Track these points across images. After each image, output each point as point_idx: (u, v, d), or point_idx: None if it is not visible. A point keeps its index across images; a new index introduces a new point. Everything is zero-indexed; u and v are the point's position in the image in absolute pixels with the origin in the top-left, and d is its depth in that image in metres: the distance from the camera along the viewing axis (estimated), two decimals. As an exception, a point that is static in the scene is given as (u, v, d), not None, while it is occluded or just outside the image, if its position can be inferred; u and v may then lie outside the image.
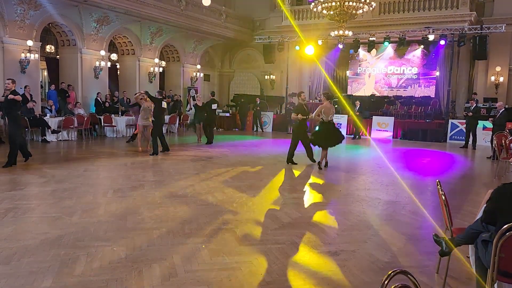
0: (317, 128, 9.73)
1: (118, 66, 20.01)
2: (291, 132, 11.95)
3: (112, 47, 19.35)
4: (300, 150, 10.12)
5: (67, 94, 15.73)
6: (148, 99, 11.34)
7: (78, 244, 4.28)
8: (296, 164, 10.00)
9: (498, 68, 18.09)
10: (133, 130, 16.22)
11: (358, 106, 17.56)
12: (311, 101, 21.91)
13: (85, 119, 14.25)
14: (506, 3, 17.84)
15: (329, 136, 9.43)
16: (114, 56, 19.44)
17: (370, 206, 6.31)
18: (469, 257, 3.42)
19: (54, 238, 4.42)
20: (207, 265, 3.83)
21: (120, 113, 16.91)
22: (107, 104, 16.55)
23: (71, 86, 16.03)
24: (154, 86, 19.70)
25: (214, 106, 14.30)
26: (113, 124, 15.45)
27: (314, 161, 10.10)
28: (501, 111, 12.43)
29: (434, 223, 5.41)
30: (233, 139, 16.17)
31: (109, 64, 17.86)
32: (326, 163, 9.72)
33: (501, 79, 18.13)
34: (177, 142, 14.80)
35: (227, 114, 21.29)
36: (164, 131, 12.71)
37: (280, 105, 22.20)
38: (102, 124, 15.43)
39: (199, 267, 3.79)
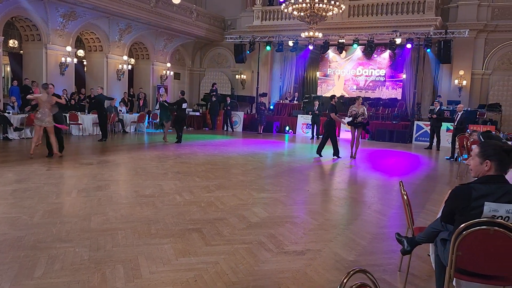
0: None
1: (85, 63, 19.55)
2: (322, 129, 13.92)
3: (79, 43, 18.89)
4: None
5: (30, 91, 15.22)
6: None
7: (39, 245, 4.15)
8: (322, 156, 11.59)
9: (461, 72, 18.72)
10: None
11: (317, 106, 17.66)
12: (281, 101, 22.10)
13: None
14: (469, 9, 18.49)
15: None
16: (81, 53, 18.99)
17: (337, 206, 6.40)
18: (429, 255, 3.53)
19: (13, 239, 4.27)
20: (173, 266, 3.79)
21: (86, 111, 16.52)
22: (73, 102, 16.14)
23: (35, 82, 15.53)
24: (123, 84, 19.38)
25: (184, 105, 14.17)
26: (79, 122, 15.07)
27: (338, 156, 11.62)
28: (460, 113, 12.90)
29: (398, 222, 5.54)
30: (203, 138, 16.08)
31: (75, 60, 17.42)
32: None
33: (464, 82, 18.76)
34: (146, 141, 14.58)
35: (197, 113, 21.15)
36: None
37: (250, 105, 22.23)
38: (68, 122, 15.01)
39: (164, 268, 3.74)
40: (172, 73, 22.69)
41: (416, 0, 18.38)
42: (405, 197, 3.53)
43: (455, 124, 12.92)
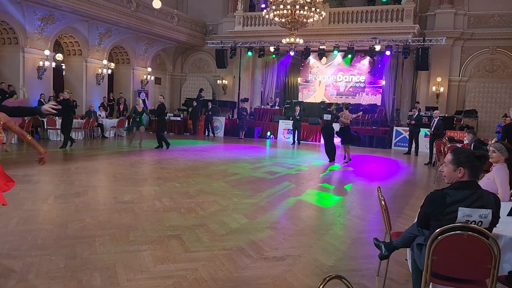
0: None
1: (63, 67, 19.26)
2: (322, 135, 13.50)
3: (57, 47, 18.61)
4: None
5: (6, 95, 14.90)
6: None
7: (13, 254, 4.05)
8: (335, 160, 12.29)
9: (438, 79, 19.10)
10: (81, 133, 15.72)
11: (298, 111, 17.75)
12: (263, 106, 22.16)
13: (26, 121, 13.56)
14: (446, 17, 18.92)
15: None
16: (59, 57, 18.70)
17: (317, 211, 6.44)
18: (407, 260, 3.58)
19: (-14, 247, 4.17)
20: (151, 273, 3.74)
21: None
22: (51, 106, 15.84)
23: (11, 86, 15.22)
24: (102, 88, 19.16)
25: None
26: (57, 127, 14.81)
27: (333, 160, 12.22)
28: (436, 119, 13.19)
29: (377, 227, 5.60)
30: (184, 143, 15.99)
31: (54, 64, 17.14)
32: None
33: (442, 89, 19.14)
34: (125, 146, 14.40)
35: (178, 118, 21.03)
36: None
37: (232, 110, 22.22)
38: (45, 127, 14.77)
39: (142, 275, 3.70)
40: (153, 77, 22.53)
41: (395, 8, 18.73)
42: (383, 202, 3.57)
43: (432, 130, 13.22)
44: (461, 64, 19.17)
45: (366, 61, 21.62)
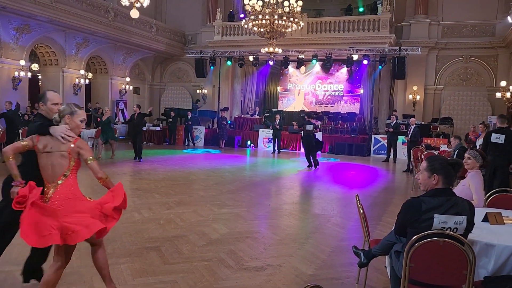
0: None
1: (40, 77, 18.93)
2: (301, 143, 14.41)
3: (33, 57, 18.30)
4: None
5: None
6: None
7: (-15, 270, 3.93)
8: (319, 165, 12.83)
9: (415, 87, 19.49)
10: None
11: (278, 120, 17.79)
12: (243, 115, 22.19)
13: (0, 132, 13.25)
14: (420, 27, 19.38)
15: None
16: (35, 66, 18.39)
17: (297, 220, 6.45)
18: (386, 267, 3.61)
19: (-43, 264, 4.03)
20: (129, 287, 3.68)
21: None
22: (26, 117, 15.55)
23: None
24: (80, 99, 18.88)
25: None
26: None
27: (310, 167, 12.64)
28: (413, 127, 13.46)
29: (356, 234, 5.64)
30: (163, 153, 15.85)
31: (29, 74, 16.83)
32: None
33: (418, 97, 19.53)
34: (103, 157, 14.19)
35: (158, 128, 20.86)
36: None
37: (212, 119, 22.18)
38: (20, 138, 14.43)
39: (120, 289, 3.63)
40: (131, 87, 22.34)
41: (372, 19, 19.11)
42: (361, 210, 3.60)
43: (409, 137, 13.45)
44: (436, 72, 19.63)
45: (344, 70, 21.95)
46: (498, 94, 16.72)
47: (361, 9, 22.67)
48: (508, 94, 16.22)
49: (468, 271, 2.67)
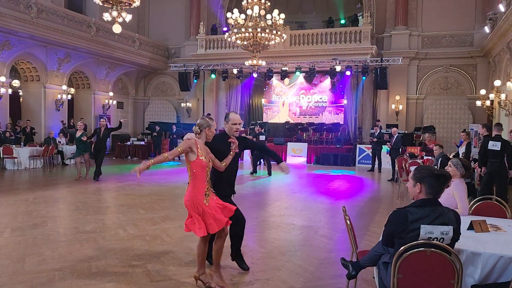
0: None
1: (21, 93, 18.66)
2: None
3: (14, 73, 18.04)
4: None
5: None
6: None
7: (-35, 293, 3.80)
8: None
9: (397, 97, 19.75)
10: (40, 161, 15.11)
11: (259, 131, 17.67)
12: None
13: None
14: (401, 38, 19.73)
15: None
16: (16, 83, 18.13)
17: (285, 232, 6.42)
18: (374, 278, 3.59)
19: None
20: (115, 307, 3.59)
21: (22, 143, 15.70)
22: (7, 134, 15.28)
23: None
24: (62, 114, 18.64)
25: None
26: (14, 156, 14.24)
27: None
28: (395, 136, 13.61)
29: (344, 245, 5.63)
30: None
31: (10, 91, 16.57)
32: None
33: (400, 107, 19.79)
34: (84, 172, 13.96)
35: (142, 143, 20.69)
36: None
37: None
38: (1, 156, 14.17)
39: (105, 309, 3.54)
40: (115, 102, 22.16)
41: (353, 30, 19.40)
42: (348, 222, 3.60)
43: (391, 145, 13.58)
44: (418, 82, 19.95)
45: (327, 81, 22.16)
46: (478, 103, 17.05)
47: (342, 21, 23.01)
48: (487, 102, 16.53)
49: (456, 280, 2.67)
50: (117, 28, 9.54)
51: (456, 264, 2.66)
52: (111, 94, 21.71)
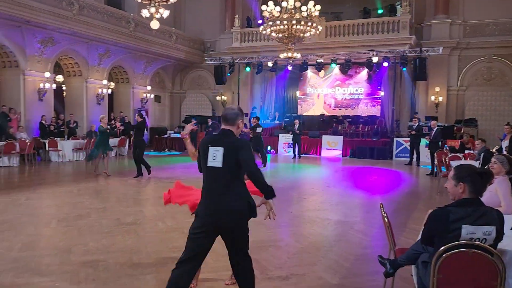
0: None
1: (64, 88, 19.38)
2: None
3: (57, 68, 18.75)
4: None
5: (8, 118, 14.98)
6: None
7: (17, 281, 4.03)
8: None
9: (437, 89, 19.17)
10: (82, 154, 15.68)
11: (298, 125, 17.56)
12: (263, 121, 22.20)
13: (28, 144, 13.61)
14: (441, 27, 19.07)
15: None
16: (60, 78, 18.83)
17: (320, 227, 6.41)
18: (412, 276, 3.55)
19: (-10, 276, 4.15)
20: (156, 297, 3.72)
21: (66, 136, 16.32)
22: (52, 128, 15.94)
23: (13, 109, 15.29)
24: (103, 108, 19.23)
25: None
26: (58, 149, 14.85)
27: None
28: (435, 129, 13.20)
29: (380, 241, 5.57)
30: (184, 160, 15.99)
31: (54, 86, 17.25)
32: None
33: (440, 98, 19.21)
34: (127, 165, 14.41)
35: (179, 135, 21.05)
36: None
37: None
38: (47, 149, 14.81)
39: (147, 300, 3.67)
40: (152, 96, 22.65)
41: (391, 20, 18.91)
42: (386, 219, 3.57)
43: (431, 138, 13.17)
44: (459, 73, 19.27)
45: (364, 72, 21.75)
46: (524, 94, 16.36)
47: (380, 11, 22.45)
48: (534, 94, 15.81)
49: (498, 282, 2.61)
50: (155, 24, 9.73)
51: (498, 265, 2.60)
52: (149, 88, 22.20)
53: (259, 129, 14.47)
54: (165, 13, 10.02)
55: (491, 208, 2.76)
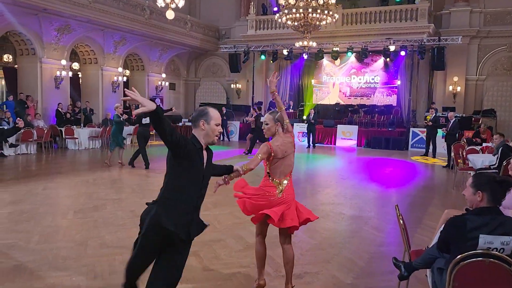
0: None
1: (80, 76, 19.54)
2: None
3: (74, 56, 18.89)
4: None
5: (25, 105, 15.19)
6: None
7: (36, 274, 4.11)
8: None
9: (455, 78, 18.82)
10: (98, 142, 15.86)
11: (313, 114, 17.40)
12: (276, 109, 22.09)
13: (45, 131, 13.80)
14: (461, 16, 18.63)
15: None
16: (76, 65, 18.98)
17: (334, 222, 6.40)
18: (427, 276, 3.52)
19: (9, 268, 4.24)
20: (170, 294, 3.76)
21: (82, 124, 16.51)
22: (68, 115, 16.12)
23: (30, 97, 15.50)
24: (118, 96, 19.35)
25: (145, 120, 10.70)
26: (75, 136, 15.03)
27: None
28: (452, 121, 12.95)
29: (395, 239, 5.54)
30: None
31: (70, 73, 17.40)
32: None
33: (458, 88, 18.86)
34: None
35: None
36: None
37: (246, 114, 22.24)
38: (64, 136, 15.01)
39: (161, 296, 3.71)
40: (167, 83, 22.72)
41: (409, 8, 18.53)
42: (401, 221, 3.53)
43: (448, 130, 12.93)
44: (478, 62, 18.87)
45: (380, 61, 21.44)
46: (546, 84, 15.95)
47: (397, -1, 22.00)
48: (556, 84, 15.41)
49: (516, 293, 2.57)
50: (170, 14, 9.71)
51: (516, 275, 2.56)
52: (163, 75, 22.25)
53: (262, 119, 14.54)
54: (181, 3, 10.00)
55: (510, 218, 2.71)
